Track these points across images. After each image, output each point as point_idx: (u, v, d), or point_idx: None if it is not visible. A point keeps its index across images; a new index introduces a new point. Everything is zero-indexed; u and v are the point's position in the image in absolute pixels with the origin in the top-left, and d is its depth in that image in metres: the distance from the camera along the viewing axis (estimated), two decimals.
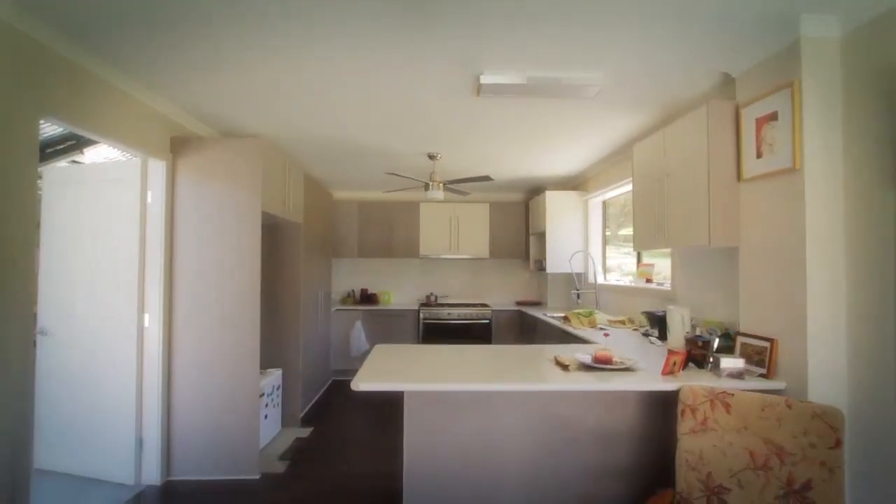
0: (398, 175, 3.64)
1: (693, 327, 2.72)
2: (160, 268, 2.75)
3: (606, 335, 3.19)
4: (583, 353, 2.35)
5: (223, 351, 2.83)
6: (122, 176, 2.76)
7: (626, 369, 2.11)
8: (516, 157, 4.10)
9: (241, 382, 2.84)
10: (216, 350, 2.83)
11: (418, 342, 5.33)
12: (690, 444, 1.76)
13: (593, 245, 4.79)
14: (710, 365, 2.16)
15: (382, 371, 2.07)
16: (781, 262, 1.97)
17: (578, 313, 3.72)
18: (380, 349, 2.55)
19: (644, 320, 3.38)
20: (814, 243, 1.84)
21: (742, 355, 2.18)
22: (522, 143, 3.70)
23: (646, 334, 3.15)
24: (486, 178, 3.73)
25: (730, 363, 2.04)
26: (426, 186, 3.99)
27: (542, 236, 5.41)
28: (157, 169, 2.76)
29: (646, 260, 3.86)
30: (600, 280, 4.64)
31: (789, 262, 1.93)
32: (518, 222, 5.79)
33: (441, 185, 3.97)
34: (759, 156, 2.09)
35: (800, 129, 1.87)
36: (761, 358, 2.10)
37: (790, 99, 1.90)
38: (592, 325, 3.58)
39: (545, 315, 4.51)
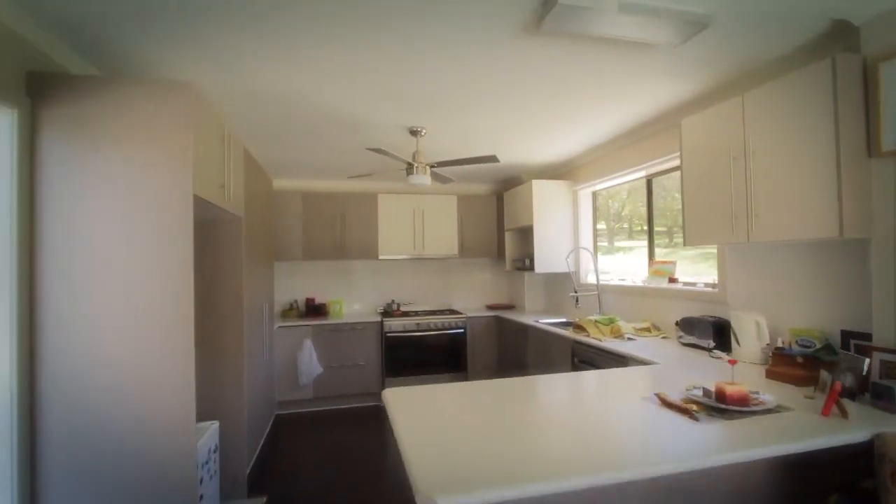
0: (384, 151, 2.77)
1: (773, 338, 2.26)
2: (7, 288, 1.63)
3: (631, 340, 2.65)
4: (693, 389, 1.74)
5: (132, 411, 1.77)
6: None
7: (769, 411, 1.53)
8: (513, 137, 3.44)
9: (167, 469, 1.80)
10: (118, 413, 1.76)
11: (381, 360, 4.46)
12: None
13: (584, 241, 4.30)
14: (867, 394, 1.65)
15: (444, 463, 1.25)
16: None
17: (597, 321, 3.16)
18: (393, 400, 1.73)
19: (675, 327, 2.91)
20: None
21: (883, 375, 1.71)
22: (528, 120, 3.04)
23: (695, 345, 2.66)
24: (492, 159, 3.00)
25: None
26: (409, 169, 3.16)
27: (523, 232, 4.83)
28: None
29: (663, 257, 3.42)
30: (593, 280, 4.16)
31: None
32: (489, 217, 5.15)
33: (427, 167, 3.17)
34: None
35: None
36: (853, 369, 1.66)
37: None
38: (616, 334, 3.04)
39: (539, 322, 3.92)
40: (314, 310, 4.73)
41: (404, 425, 1.45)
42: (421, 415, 1.57)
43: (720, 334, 2.55)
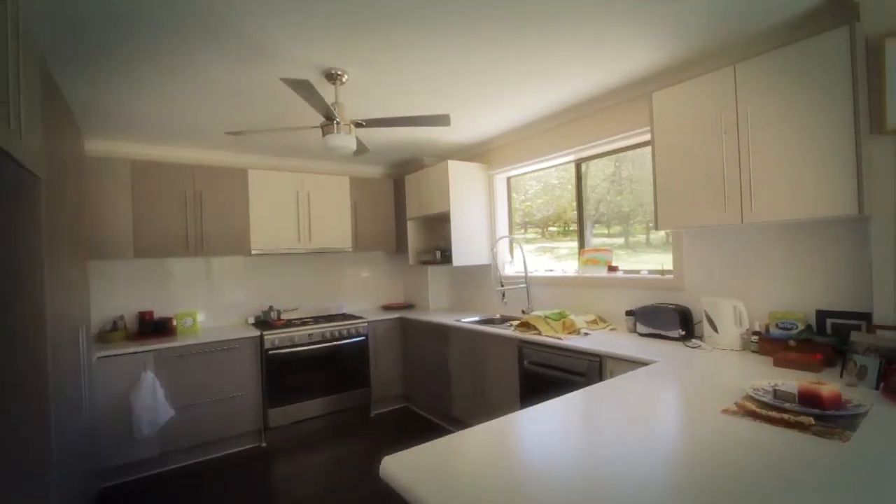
0: (306, 87, 1.90)
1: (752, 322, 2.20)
2: None
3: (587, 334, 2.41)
4: (761, 391, 1.46)
5: None
6: None
7: (862, 412, 1.32)
8: (453, 103, 2.86)
9: None
10: None
11: (262, 386, 3.41)
12: None
13: (501, 230, 3.99)
14: (861, 370, 1.59)
15: None
16: None
17: (547, 316, 2.83)
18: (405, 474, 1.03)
19: (625, 318, 2.76)
20: None
21: (865, 349, 1.70)
22: (472, 81, 2.51)
23: (658, 336, 2.51)
24: (443, 121, 2.37)
25: None
26: (326, 127, 2.32)
27: (430, 222, 4.30)
28: None
29: (595, 244, 3.28)
30: (509, 273, 3.88)
31: None
32: (386, 204, 4.46)
33: (351, 125, 2.38)
34: None
35: None
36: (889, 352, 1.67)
37: None
38: (571, 329, 2.75)
39: (463, 322, 3.45)
40: (153, 328, 3.37)
41: None
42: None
43: (685, 322, 2.44)
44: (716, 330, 2.24)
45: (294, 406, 3.52)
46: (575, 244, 3.43)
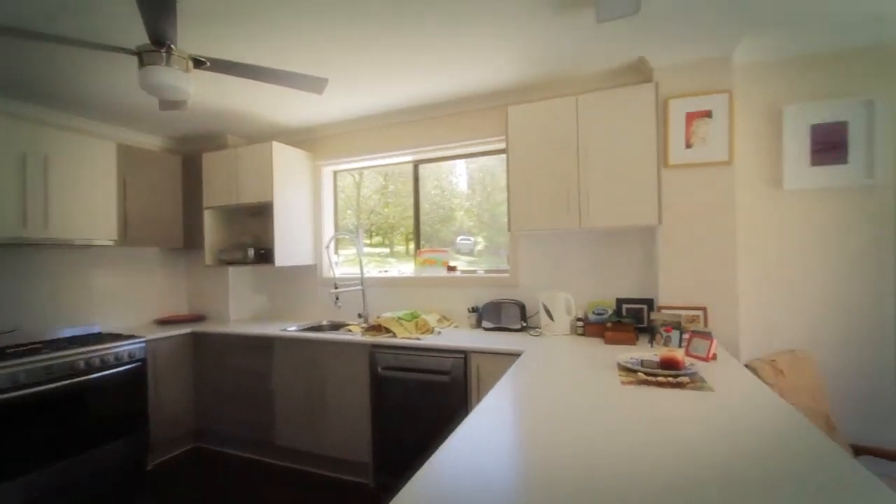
0: None
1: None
2: None
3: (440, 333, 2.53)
4: (630, 362, 1.76)
5: None
6: None
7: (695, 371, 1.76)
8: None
9: None
10: None
11: None
12: None
13: (328, 228, 3.63)
14: (666, 339, 2.17)
15: None
16: (709, 241, 2.29)
17: (399, 318, 2.72)
18: None
19: (468, 315, 2.94)
20: (743, 224, 2.27)
21: (661, 326, 2.34)
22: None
23: (502, 328, 2.74)
24: (317, 88, 1.97)
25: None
26: (148, 55, 1.62)
27: (247, 212, 3.58)
28: None
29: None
30: (331, 274, 3.60)
31: (718, 240, 2.27)
32: (170, 187, 3.46)
33: (189, 60, 1.73)
34: (688, 146, 2.32)
35: (734, 131, 2.24)
36: (679, 325, 2.35)
37: (727, 104, 2.24)
38: (425, 329, 2.72)
39: (292, 331, 2.99)
40: None
41: None
42: None
43: (524, 315, 2.76)
44: (552, 319, 2.61)
45: (17, 483, 2.29)
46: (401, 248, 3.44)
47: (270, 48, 2.14)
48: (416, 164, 3.39)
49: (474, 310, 2.91)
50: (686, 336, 2.03)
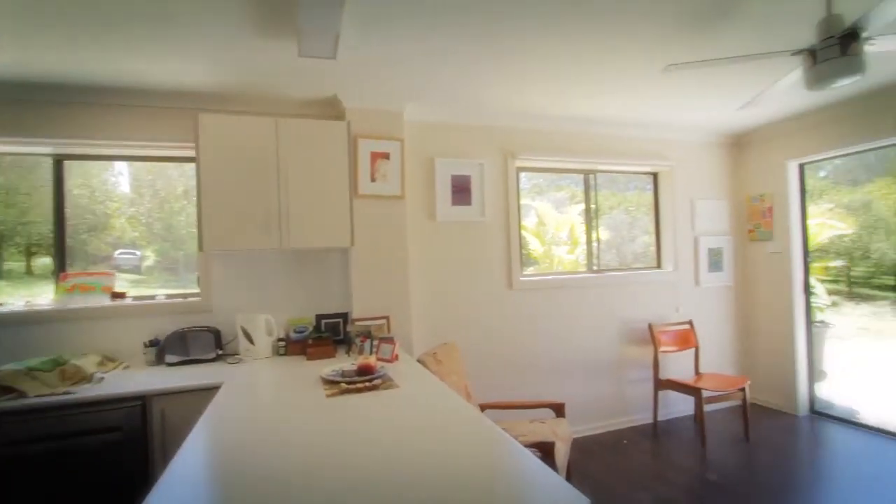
0: None
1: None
2: None
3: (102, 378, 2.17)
4: (331, 374, 1.94)
5: None
6: None
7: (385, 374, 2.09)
8: None
9: None
10: None
11: None
12: None
13: None
14: (361, 348, 2.50)
15: None
16: (390, 261, 2.78)
17: (31, 369, 1.98)
18: None
19: (144, 350, 2.46)
20: (413, 247, 2.86)
21: (356, 335, 2.67)
22: None
23: (194, 361, 2.42)
24: None
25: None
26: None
27: None
28: None
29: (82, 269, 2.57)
30: None
31: (395, 260, 2.79)
32: None
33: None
34: (373, 180, 2.75)
35: (404, 172, 2.82)
36: (370, 334, 2.74)
37: (400, 150, 2.80)
38: (77, 378, 2.08)
39: None
40: None
41: None
42: None
43: (219, 342, 2.54)
44: (252, 342, 2.52)
45: None
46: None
47: None
48: (59, 160, 2.57)
49: (153, 343, 2.45)
50: (376, 343, 2.40)
